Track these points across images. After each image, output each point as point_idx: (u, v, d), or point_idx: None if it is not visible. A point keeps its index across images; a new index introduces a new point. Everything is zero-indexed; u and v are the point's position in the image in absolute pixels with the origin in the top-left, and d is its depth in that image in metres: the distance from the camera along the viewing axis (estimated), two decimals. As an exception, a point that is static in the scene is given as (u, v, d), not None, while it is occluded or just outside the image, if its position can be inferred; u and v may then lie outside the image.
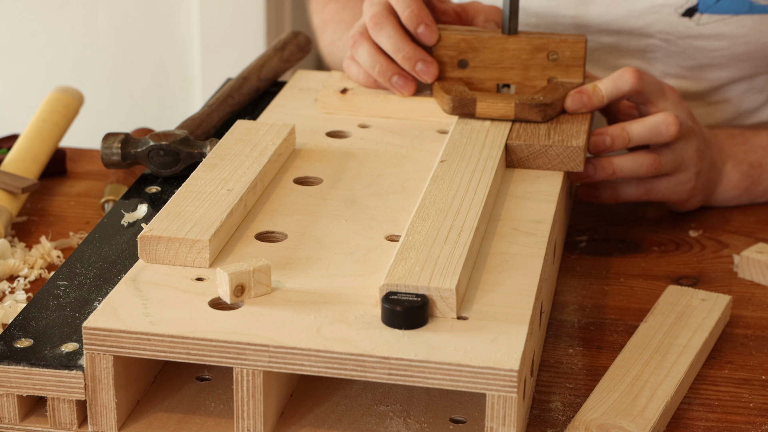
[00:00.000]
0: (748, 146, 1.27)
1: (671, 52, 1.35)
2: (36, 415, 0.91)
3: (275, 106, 1.27)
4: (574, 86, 1.20)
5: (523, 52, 1.21)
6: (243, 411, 0.86)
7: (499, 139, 1.13)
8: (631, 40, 1.35)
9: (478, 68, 1.22)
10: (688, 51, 1.34)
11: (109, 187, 1.24)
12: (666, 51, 1.35)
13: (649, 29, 1.34)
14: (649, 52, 1.36)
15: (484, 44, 1.22)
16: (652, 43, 1.35)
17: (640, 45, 1.36)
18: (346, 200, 1.05)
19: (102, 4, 2.62)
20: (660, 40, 1.34)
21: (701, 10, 1.31)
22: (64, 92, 1.40)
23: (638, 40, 1.35)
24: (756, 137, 1.28)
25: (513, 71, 1.22)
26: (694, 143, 1.19)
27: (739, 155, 1.26)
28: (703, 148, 1.21)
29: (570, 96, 1.17)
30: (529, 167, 1.12)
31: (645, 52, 1.36)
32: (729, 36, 1.32)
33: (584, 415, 0.91)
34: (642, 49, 1.36)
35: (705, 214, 1.26)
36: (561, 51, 1.21)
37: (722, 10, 1.30)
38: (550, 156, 1.12)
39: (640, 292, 1.12)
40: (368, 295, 0.91)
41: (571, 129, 1.15)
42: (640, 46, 1.36)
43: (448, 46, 1.22)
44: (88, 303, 0.94)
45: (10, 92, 2.69)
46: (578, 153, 1.11)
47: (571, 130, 1.15)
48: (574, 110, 1.17)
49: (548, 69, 1.21)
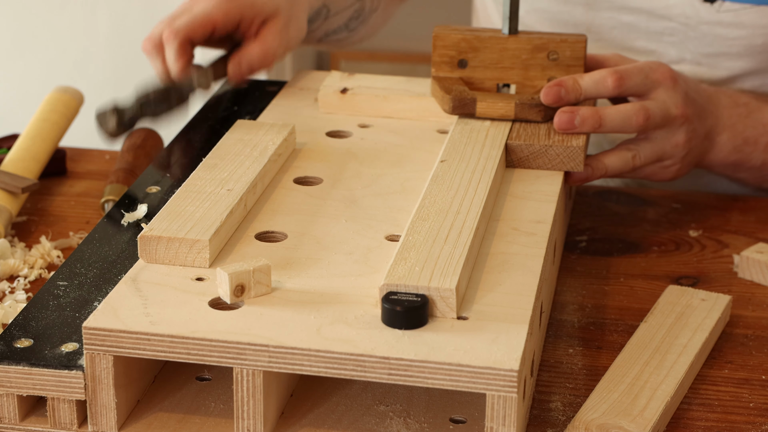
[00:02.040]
0: (750, 120, 1.25)
1: (689, 37, 1.34)
2: (36, 415, 0.91)
3: (275, 106, 1.27)
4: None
5: (523, 52, 1.21)
6: (243, 411, 0.86)
7: (499, 138, 1.13)
8: (650, 21, 1.35)
9: (478, 68, 1.22)
10: (706, 37, 1.34)
11: (109, 187, 1.24)
12: (684, 35, 1.34)
13: (669, 11, 1.33)
14: (666, 35, 1.35)
15: (484, 44, 1.21)
16: (671, 26, 1.35)
17: (658, 27, 1.35)
18: (346, 200, 1.05)
19: (102, 4, 2.62)
20: (679, 23, 1.34)
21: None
22: (64, 92, 1.40)
23: (657, 21, 1.35)
24: (759, 112, 1.26)
25: (513, 71, 1.22)
26: (681, 131, 1.18)
27: (737, 127, 1.25)
28: (693, 131, 1.19)
29: (547, 87, 1.15)
30: (529, 167, 1.12)
31: (662, 34, 1.36)
32: (749, 26, 1.31)
33: (584, 415, 0.91)
34: (660, 32, 1.35)
35: (705, 214, 1.26)
36: (561, 51, 1.20)
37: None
38: (550, 156, 1.12)
39: (640, 292, 1.12)
40: (368, 295, 0.91)
41: None
42: (658, 28, 1.35)
43: (448, 46, 1.22)
44: (88, 303, 0.94)
45: (10, 92, 2.69)
46: (578, 153, 1.11)
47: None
48: (549, 103, 1.15)
49: (548, 69, 1.21)
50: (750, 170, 1.27)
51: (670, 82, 1.18)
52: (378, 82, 1.27)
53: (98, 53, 2.65)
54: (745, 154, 1.25)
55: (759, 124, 1.26)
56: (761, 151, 1.26)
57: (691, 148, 1.20)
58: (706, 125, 1.22)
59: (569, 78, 1.16)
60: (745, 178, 1.30)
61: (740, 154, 1.25)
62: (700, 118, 1.21)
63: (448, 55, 1.22)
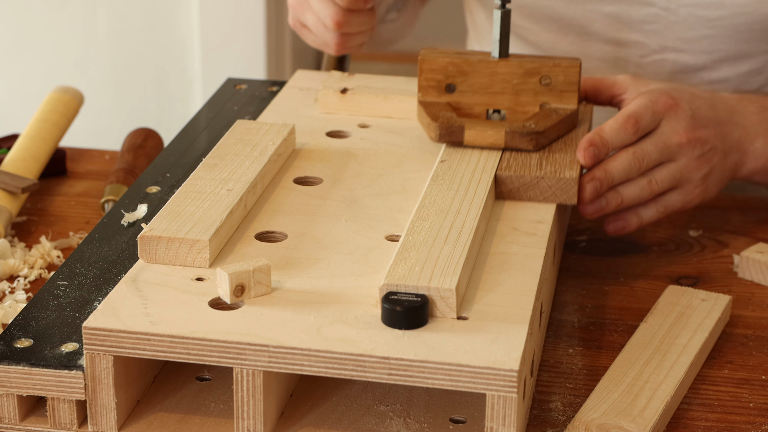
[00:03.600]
0: None
1: (671, 22, 1.34)
2: (36, 415, 0.91)
3: (275, 106, 1.27)
4: (568, 112, 1.14)
5: (514, 77, 1.15)
6: (243, 411, 0.86)
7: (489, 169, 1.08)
8: (632, 9, 1.35)
9: (467, 93, 1.16)
10: (687, 20, 1.33)
11: (109, 187, 1.24)
12: (666, 21, 1.34)
13: None
14: (648, 23, 1.35)
15: (473, 68, 1.16)
16: (653, 12, 1.35)
17: (640, 15, 1.35)
18: (346, 200, 1.05)
19: (102, 4, 2.62)
20: (660, 8, 1.34)
21: None
22: (64, 92, 1.40)
23: (639, 9, 1.35)
24: None
25: (503, 96, 1.16)
26: (690, 155, 1.15)
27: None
28: (710, 150, 1.17)
29: (582, 150, 1.10)
30: (520, 199, 1.07)
31: (644, 22, 1.36)
32: (729, 5, 1.31)
33: (584, 415, 0.91)
34: (641, 20, 1.35)
35: (705, 214, 1.26)
36: (554, 75, 1.15)
37: None
38: (542, 188, 1.07)
39: (640, 292, 1.12)
40: (368, 295, 0.91)
41: (564, 159, 1.10)
42: (640, 15, 1.35)
43: (436, 70, 1.16)
44: (88, 303, 0.94)
45: (10, 92, 2.69)
46: (571, 185, 1.07)
47: (564, 159, 1.10)
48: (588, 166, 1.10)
49: (541, 94, 1.15)
50: None
51: (671, 109, 1.15)
52: (378, 82, 1.27)
53: (98, 53, 2.65)
54: None
55: None
56: None
57: (712, 167, 1.17)
58: (730, 139, 1.19)
59: (596, 135, 1.11)
60: None
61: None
62: (719, 134, 1.18)
63: (435, 80, 1.17)
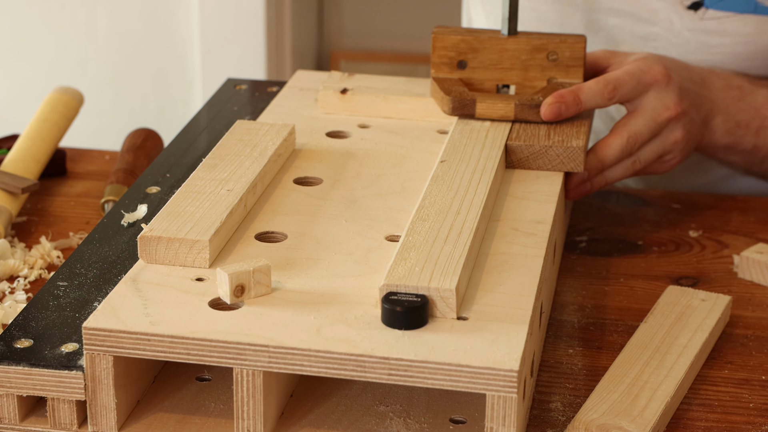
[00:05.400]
0: (742, 104, 1.26)
1: (673, 43, 1.35)
2: (36, 415, 0.91)
3: (275, 106, 1.27)
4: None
5: (523, 53, 1.21)
6: (243, 411, 0.86)
7: (499, 139, 1.13)
8: (635, 25, 1.35)
9: (478, 69, 1.22)
10: (689, 44, 1.34)
11: (109, 187, 1.24)
12: (668, 41, 1.35)
13: (655, 17, 1.34)
14: (651, 41, 1.36)
15: (483, 45, 1.21)
16: (655, 31, 1.35)
17: (643, 32, 1.35)
18: (346, 200, 1.05)
19: (102, 4, 2.63)
20: (663, 29, 1.34)
21: (707, 5, 1.31)
22: (64, 92, 1.40)
23: (642, 26, 1.35)
24: (752, 96, 1.26)
25: (512, 72, 1.22)
26: (678, 128, 1.19)
27: (730, 110, 1.25)
28: (690, 122, 1.20)
29: (548, 104, 1.15)
30: (529, 168, 1.12)
31: (647, 39, 1.36)
32: (731, 33, 1.32)
33: (584, 416, 0.91)
34: (644, 36, 1.36)
35: (705, 215, 1.26)
36: (561, 51, 1.20)
37: (727, 8, 1.30)
38: (550, 156, 1.12)
39: (640, 292, 1.12)
40: (368, 296, 0.91)
41: (571, 129, 1.15)
42: (642, 32, 1.36)
43: (448, 47, 1.22)
44: (88, 303, 0.94)
45: (10, 92, 2.69)
46: (578, 153, 1.11)
47: (571, 130, 1.15)
48: (549, 119, 1.15)
49: (548, 69, 1.21)
50: (741, 153, 1.28)
51: (663, 80, 1.18)
52: (378, 82, 1.27)
53: (98, 53, 2.65)
54: (737, 137, 1.26)
55: (751, 107, 1.26)
56: (752, 134, 1.27)
57: (690, 138, 1.21)
58: (702, 111, 1.23)
59: (569, 93, 1.16)
60: (736, 161, 1.30)
61: (732, 137, 1.26)
62: (695, 106, 1.22)
63: (448, 56, 1.22)
